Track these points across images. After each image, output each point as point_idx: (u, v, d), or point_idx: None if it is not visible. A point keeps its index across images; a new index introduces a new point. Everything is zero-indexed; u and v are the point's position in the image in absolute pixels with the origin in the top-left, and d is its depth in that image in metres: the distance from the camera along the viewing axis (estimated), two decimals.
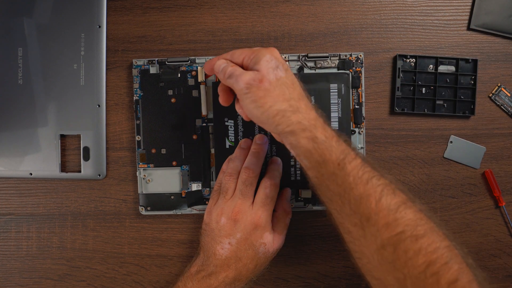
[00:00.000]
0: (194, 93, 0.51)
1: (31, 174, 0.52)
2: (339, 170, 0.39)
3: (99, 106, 0.52)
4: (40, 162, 0.52)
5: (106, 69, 0.52)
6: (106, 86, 0.52)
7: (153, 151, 0.52)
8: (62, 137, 0.53)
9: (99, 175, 0.52)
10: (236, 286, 0.46)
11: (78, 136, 0.53)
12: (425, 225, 0.37)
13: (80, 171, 0.52)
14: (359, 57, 0.51)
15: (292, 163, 0.51)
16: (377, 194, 0.38)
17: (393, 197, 0.38)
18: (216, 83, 0.51)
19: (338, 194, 0.39)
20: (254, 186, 0.48)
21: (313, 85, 0.51)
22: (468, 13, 0.53)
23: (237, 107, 0.46)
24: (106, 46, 0.52)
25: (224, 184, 0.48)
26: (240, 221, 0.46)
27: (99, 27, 0.52)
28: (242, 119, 0.51)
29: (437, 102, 0.52)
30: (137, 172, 0.52)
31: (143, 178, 0.52)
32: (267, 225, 0.47)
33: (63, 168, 0.53)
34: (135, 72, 0.52)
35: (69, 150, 0.53)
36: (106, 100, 0.52)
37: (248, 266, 0.46)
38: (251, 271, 0.47)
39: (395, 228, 0.37)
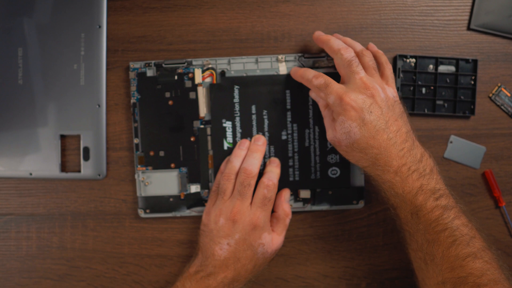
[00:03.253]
0: (191, 95, 0.51)
1: (31, 174, 0.52)
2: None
3: (99, 106, 0.52)
4: (40, 162, 0.52)
5: (106, 69, 0.52)
6: (106, 86, 0.52)
7: (151, 153, 0.52)
8: (62, 137, 0.53)
9: (99, 175, 0.52)
10: (234, 287, 0.46)
11: (78, 136, 0.53)
12: (490, 276, 0.37)
13: (80, 171, 0.52)
14: None
15: (291, 163, 0.51)
16: (448, 243, 0.39)
17: (464, 247, 0.39)
18: (213, 85, 0.51)
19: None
20: (252, 186, 0.48)
21: None
22: (468, 13, 0.53)
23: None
24: (106, 46, 0.52)
25: (222, 184, 0.48)
26: (239, 221, 0.46)
27: (99, 27, 0.52)
28: (240, 120, 0.51)
29: (437, 102, 0.52)
30: (135, 175, 0.52)
31: (142, 181, 0.52)
32: (265, 225, 0.47)
33: (63, 168, 0.53)
34: (132, 75, 0.51)
35: (69, 150, 0.53)
36: (106, 100, 0.52)
37: (247, 267, 0.46)
38: (249, 271, 0.47)
39: (459, 272, 0.38)
